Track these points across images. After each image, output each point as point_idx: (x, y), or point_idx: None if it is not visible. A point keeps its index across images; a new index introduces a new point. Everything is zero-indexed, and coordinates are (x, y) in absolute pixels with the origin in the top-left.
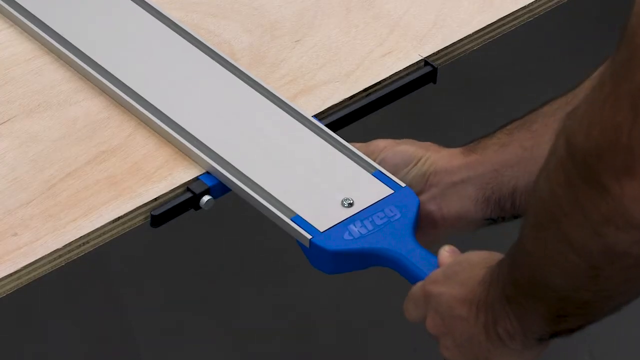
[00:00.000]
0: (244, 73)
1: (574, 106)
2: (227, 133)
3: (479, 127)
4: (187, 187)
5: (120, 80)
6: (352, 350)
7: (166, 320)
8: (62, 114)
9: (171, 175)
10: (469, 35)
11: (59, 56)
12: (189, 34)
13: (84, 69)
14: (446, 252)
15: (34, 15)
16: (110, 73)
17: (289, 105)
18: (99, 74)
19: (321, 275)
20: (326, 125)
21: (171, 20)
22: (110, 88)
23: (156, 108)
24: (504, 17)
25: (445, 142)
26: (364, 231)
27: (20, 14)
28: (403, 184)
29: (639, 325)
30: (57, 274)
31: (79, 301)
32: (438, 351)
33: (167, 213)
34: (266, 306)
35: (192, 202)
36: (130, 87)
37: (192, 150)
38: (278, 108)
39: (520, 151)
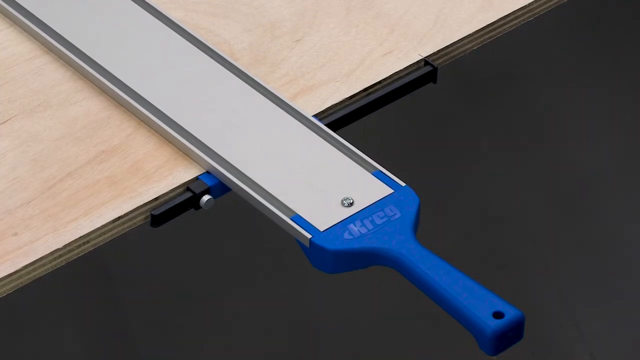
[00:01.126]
0: (243, 73)
1: None
2: (227, 133)
3: (479, 127)
4: (187, 186)
5: (120, 80)
6: (352, 350)
7: (166, 320)
8: (62, 113)
9: (171, 174)
10: (469, 35)
11: (59, 56)
12: (189, 33)
13: (84, 68)
14: None
15: (34, 15)
16: (110, 73)
17: (289, 105)
18: (99, 73)
19: (321, 275)
20: (326, 125)
21: (171, 20)
22: (110, 88)
23: (156, 108)
24: (504, 16)
25: (446, 142)
26: (364, 230)
27: (20, 13)
28: (403, 184)
29: (639, 325)
30: (57, 274)
31: (78, 301)
32: (438, 352)
33: (167, 213)
34: (266, 306)
35: (192, 202)
36: (130, 86)
37: (192, 150)
38: (278, 108)
39: None
